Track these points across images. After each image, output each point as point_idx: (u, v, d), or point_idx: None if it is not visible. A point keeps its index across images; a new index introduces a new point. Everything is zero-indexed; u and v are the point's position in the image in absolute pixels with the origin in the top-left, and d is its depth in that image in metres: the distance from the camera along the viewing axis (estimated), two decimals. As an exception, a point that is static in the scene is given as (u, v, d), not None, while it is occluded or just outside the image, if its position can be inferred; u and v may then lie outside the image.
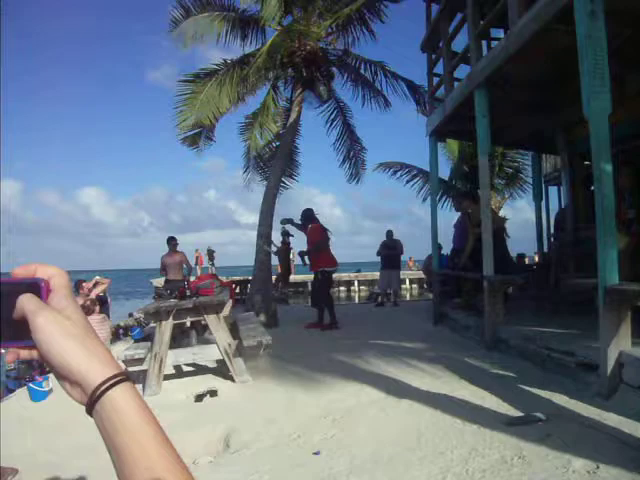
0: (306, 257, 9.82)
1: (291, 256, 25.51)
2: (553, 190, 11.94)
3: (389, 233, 13.00)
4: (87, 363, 0.59)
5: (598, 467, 2.78)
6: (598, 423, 3.50)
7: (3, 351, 0.65)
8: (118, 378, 0.60)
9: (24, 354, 0.63)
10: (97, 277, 10.15)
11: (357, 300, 24.92)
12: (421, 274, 19.97)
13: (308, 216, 9.48)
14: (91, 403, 0.58)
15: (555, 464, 2.90)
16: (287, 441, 3.89)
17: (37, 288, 0.61)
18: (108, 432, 0.58)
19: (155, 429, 0.60)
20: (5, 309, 0.59)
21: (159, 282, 10.33)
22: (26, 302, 0.59)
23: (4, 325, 0.59)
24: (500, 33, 6.99)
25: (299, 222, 9.71)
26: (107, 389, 0.58)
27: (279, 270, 15.78)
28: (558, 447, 3.11)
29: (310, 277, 11.36)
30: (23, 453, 3.86)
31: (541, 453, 3.07)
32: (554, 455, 3.02)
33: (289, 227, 10.88)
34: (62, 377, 0.60)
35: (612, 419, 3.54)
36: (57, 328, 0.59)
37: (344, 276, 27.68)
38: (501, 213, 15.01)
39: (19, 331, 0.59)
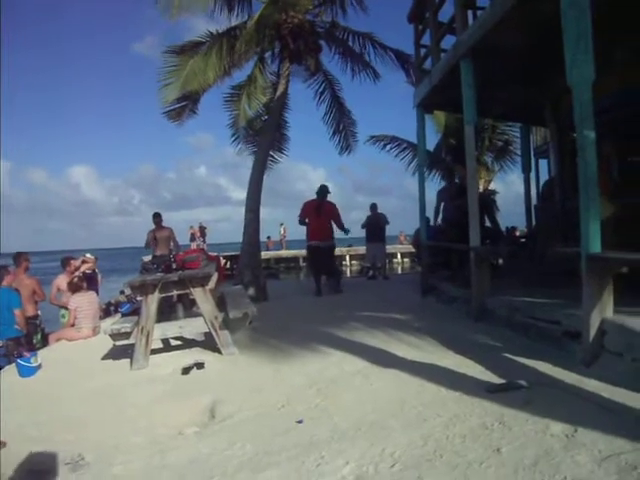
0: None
1: (282, 231, 25.50)
2: (543, 163, 11.93)
3: (373, 206, 12.97)
4: None
5: (576, 430, 2.81)
6: (579, 389, 3.54)
7: None
8: None
9: None
10: (88, 255, 10.08)
11: (349, 274, 25.01)
12: (412, 248, 20.01)
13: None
14: None
15: (534, 428, 2.93)
16: (271, 410, 3.91)
17: None
18: None
19: None
20: None
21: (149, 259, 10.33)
22: None
23: None
24: (486, 2, 6.88)
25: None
26: None
27: (269, 246, 15.76)
28: (538, 412, 3.14)
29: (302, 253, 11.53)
30: (11, 427, 3.85)
31: (521, 418, 3.10)
32: (534, 420, 3.05)
33: None
34: None
35: (592, 385, 3.57)
36: None
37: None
38: (491, 187, 15.02)
39: None
